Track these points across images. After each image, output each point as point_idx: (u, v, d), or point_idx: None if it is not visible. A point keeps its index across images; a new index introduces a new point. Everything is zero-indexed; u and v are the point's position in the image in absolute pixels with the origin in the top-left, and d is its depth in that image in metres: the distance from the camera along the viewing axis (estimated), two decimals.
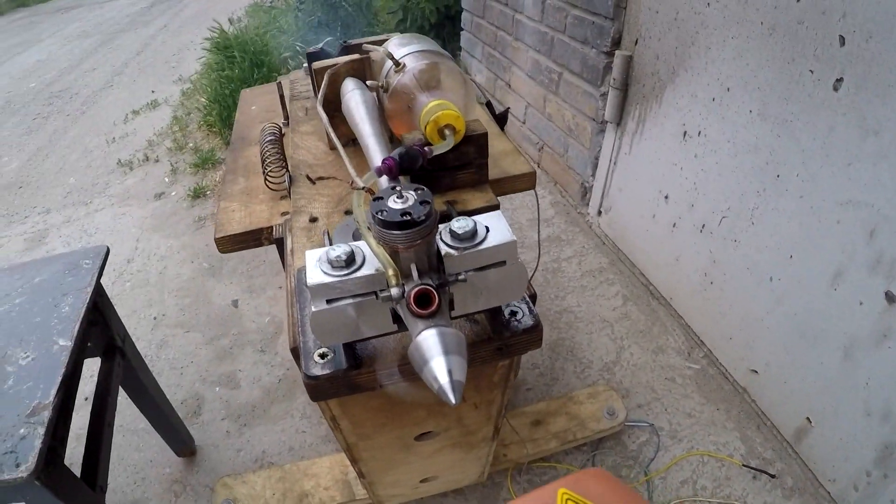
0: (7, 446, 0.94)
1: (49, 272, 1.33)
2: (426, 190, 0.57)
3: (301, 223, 0.95)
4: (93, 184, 3.65)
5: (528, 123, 2.93)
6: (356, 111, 0.92)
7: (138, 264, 2.76)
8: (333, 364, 0.70)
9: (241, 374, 2.11)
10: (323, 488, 1.57)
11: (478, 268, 0.59)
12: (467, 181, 0.95)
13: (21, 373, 1.08)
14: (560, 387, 1.88)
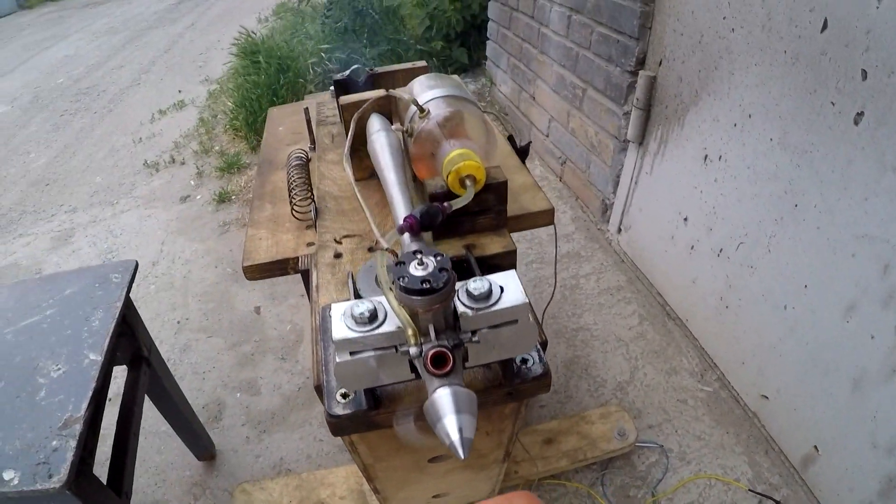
0: (40, 457, 0.98)
1: (79, 284, 1.37)
2: (445, 256, 0.60)
3: (326, 259, 0.98)
4: (119, 184, 3.72)
5: (552, 137, 2.95)
6: (381, 155, 0.96)
7: (163, 267, 2.82)
8: (354, 404, 0.74)
9: (262, 380, 2.16)
10: (338, 498, 1.61)
11: (491, 325, 0.63)
12: (486, 226, 0.98)
13: (53, 385, 1.12)
14: (573, 405, 1.91)
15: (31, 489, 0.95)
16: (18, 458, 0.99)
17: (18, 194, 3.79)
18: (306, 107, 1.39)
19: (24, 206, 3.63)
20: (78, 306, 1.31)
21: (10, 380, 1.15)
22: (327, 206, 1.11)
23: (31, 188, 3.85)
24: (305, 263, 1.08)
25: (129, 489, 1.32)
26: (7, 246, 3.23)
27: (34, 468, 0.97)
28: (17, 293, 1.38)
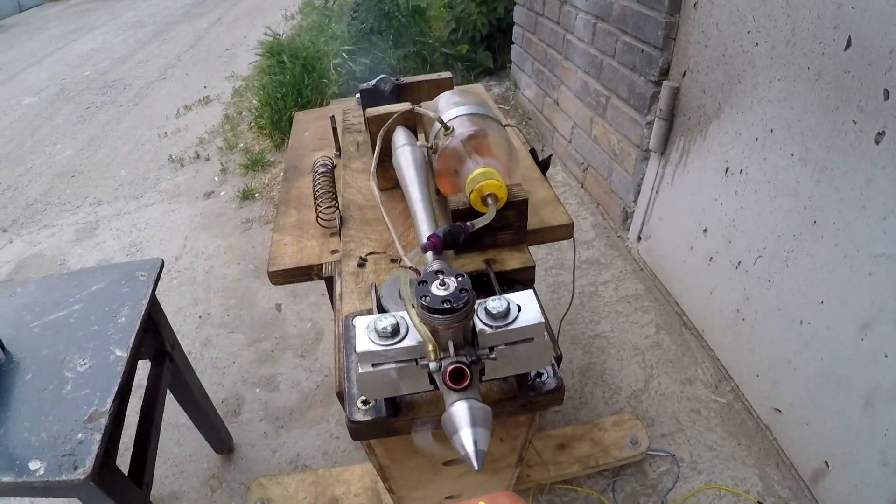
0: (66, 449, 1.02)
1: (106, 281, 1.41)
2: (466, 277, 0.63)
3: (350, 268, 1.01)
4: (144, 178, 3.77)
5: (574, 143, 2.97)
6: (406, 171, 0.99)
7: (186, 262, 2.87)
8: (374, 411, 0.77)
9: (281, 377, 2.20)
10: (353, 495, 1.65)
11: (508, 343, 0.66)
12: (506, 241, 1.00)
13: (79, 379, 1.15)
14: (587, 411, 1.93)
15: (57, 480, 0.98)
16: (45, 449, 1.03)
17: (44, 185, 3.86)
18: (332, 115, 1.41)
19: (50, 198, 3.70)
20: (105, 302, 1.34)
21: (37, 372, 1.18)
22: (352, 214, 1.14)
23: (56, 180, 3.92)
24: (329, 271, 1.11)
25: (149, 481, 1.36)
26: (32, 236, 3.30)
27: (60, 459, 1.00)
28: (45, 287, 1.42)
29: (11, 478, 0.99)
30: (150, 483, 1.36)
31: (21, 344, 1.26)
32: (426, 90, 1.35)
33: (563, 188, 3.00)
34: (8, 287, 1.45)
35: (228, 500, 1.82)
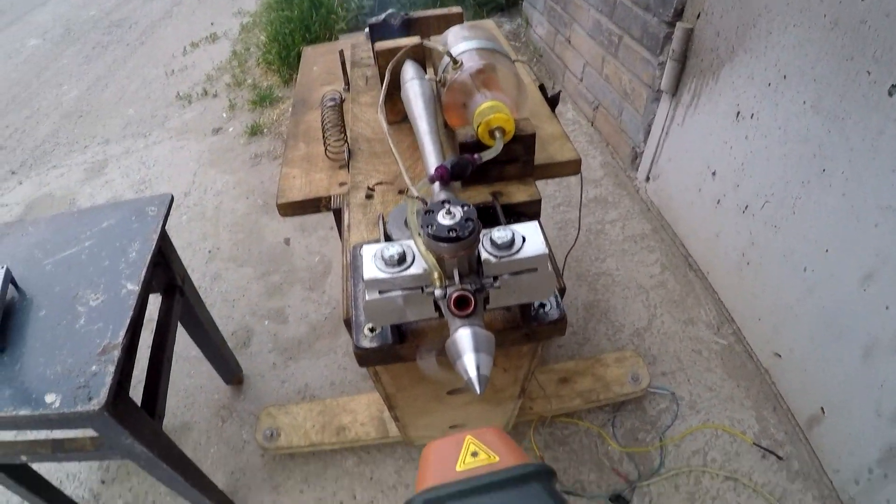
0: (80, 381, 1.04)
1: (116, 217, 1.41)
2: (472, 207, 0.64)
3: (358, 199, 1.03)
4: (152, 116, 3.75)
5: (585, 82, 2.93)
6: (414, 103, 0.99)
7: (195, 198, 2.88)
8: (381, 338, 0.80)
9: (290, 309, 2.24)
10: (360, 424, 1.69)
11: (512, 272, 0.67)
12: (513, 174, 1.01)
13: (92, 314, 1.17)
14: (590, 347, 1.96)
15: (72, 411, 1.00)
16: (59, 382, 1.04)
17: (51, 126, 3.85)
18: (341, 49, 1.40)
19: (58, 139, 3.69)
20: (115, 238, 1.35)
21: (50, 309, 1.20)
22: (360, 147, 1.15)
23: (63, 120, 3.90)
24: (337, 203, 1.12)
25: (161, 411, 1.39)
26: (41, 177, 3.31)
27: (74, 392, 1.02)
28: (56, 226, 1.43)
29: (28, 411, 1.01)
30: (162, 413, 1.39)
31: (34, 282, 1.27)
32: (435, 25, 1.34)
33: (572, 126, 2.98)
34: (19, 227, 1.46)
35: (238, 430, 1.88)
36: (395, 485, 1.67)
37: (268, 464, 1.78)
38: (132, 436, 1.16)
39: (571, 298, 2.12)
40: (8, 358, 1.10)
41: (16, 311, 1.20)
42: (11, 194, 3.21)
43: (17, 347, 1.13)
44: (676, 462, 1.66)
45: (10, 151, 3.65)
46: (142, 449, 1.21)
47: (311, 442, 1.68)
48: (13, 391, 1.04)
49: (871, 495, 1.42)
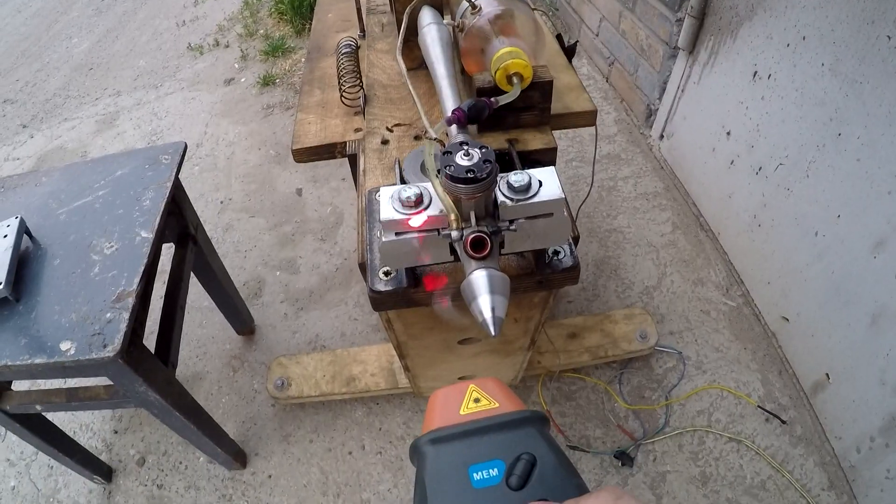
0: (95, 328, 1.05)
1: (130, 166, 1.41)
2: (490, 149, 0.64)
3: (373, 144, 1.03)
4: (163, 67, 3.73)
5: (601, 37, 2.89)
6: (432, 48, 0.98)
7: (207, 149, 2.89)
8: (395, 282, 0.80)
9: (301, 260, 2.25)
10: (370, 374, 1.71)
11: (528, 216, 0.67)
12: (530, 122, 1.01)
13: (106, 262, 1.18)
14: (600, 303, 1.97)
15: (87, 358, 1.02)
16: (74, 329, 1.06)
17: (62, 79, 3.84)
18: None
19: (69, 91, 3.69)
20: (129, 186, 1.35)
21: (64, 258, 1.21)
22: (376, 94, 1.14)
23: (74, 73, 3.89)
24: (353, 148, 1.12)
25: (174, 360, 1.41)
26: (53, 130, 3.31)
27: (89, 339, 1.04)
28: (70, 175, 1.43)
29: (44, 359, 1.02)
30: (175, 361, 1.41)
31: (48, 231, 1.28)
32: None
33: (587, 81, 2.94)
34: (33, 177, 1.46)
35: (250, 380, 1.91)
36: (403, 436, 1.70)
37: (278, 413, 1.81)
38: (146, 383, 1.18)
39: (582, 254, 2.12)
40: (23, 307, 1.12)
41: (30, 261, 1.22)
42: (23, 147, 3.22)
43: (31, 297, 1.14)
44: (681, 421, 1.68)
45: (20, 105, 3.65)
46: (155, 396, 1.23)
47: (321, 392, 1.71)
48: (28, 340, 1.06)
49: (871, 464, 1.43)
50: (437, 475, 0.34)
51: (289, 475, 1.68)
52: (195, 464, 1.73)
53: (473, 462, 0.34)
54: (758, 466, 1.57)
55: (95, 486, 1.72)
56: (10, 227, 1.21)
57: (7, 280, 1.11)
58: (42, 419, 1.48)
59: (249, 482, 1.68)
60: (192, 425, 1.40)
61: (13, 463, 1.81)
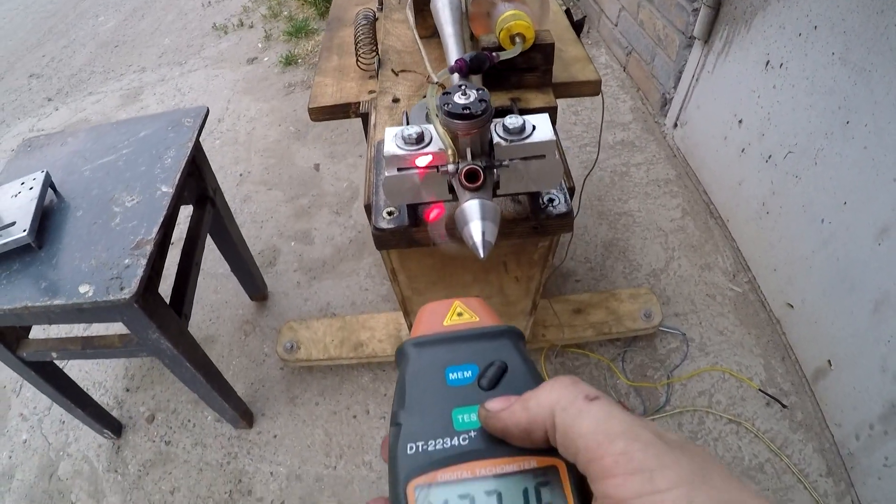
0: (113, 273, 1.10)
1: (153, 128, 1.46)
2: (486, 91, 0.68)
3: (385, 102, 1.07)
4: (188, 45, 3.79)
5: (620, 27, 2.91)
6: (442, 12, 1.03)
7: (228, 124, 2.94)
8: (398, 220, 0.85)
9: (316, 231, 2.30)
10: (377, 340, 1.75)
11: (521, 157, 0.72)
12: (532, 83, 1.05)
13: (127, 213, 1.22)
14: (606, 283, 1.99)
15: (104, 300, 1.06)
16: (93, 274, 1.10)
17: (88, 55, 3.91)
18: None
19: (94, 67, 3.75)
20: (152, 146, 1.40)
21: (87, 209, 1.26)
22: (390, 58, 1.19)
23: (100, 50, 3.95)
24: (366, 108, 1.17)
25: (188, 312, 1.45)
26: (77, 104, 3.38)
27: (107, 282, 1.08)
28: (95, 136, 1.49)
29: (62, 300, 1.06)
30: (188, 314, 1.45)
31: (72, 186, 1.33)
32: None
33: (605, 70, 2.97)
34: (59, 137, 1.52)
35: (260, 344, 1.96)
36: None
37: (286, 377, 1.86)
38: (159, 330, 1.22)
39: (591, 235, 2.15)
40: (44, 254, 1.16)
41: (53, 213, 1.26)
42: (48, 119, 3.29)
43: (53, 245, 1.18)
44: (682, 401, 1.69)
45: (46, 80, 3.72)
46: (167, 345, 1.28)
47: (329, 356, 1.75)
48: (48, 284, 1.10)
49: (870, 451, 1.44)
50: (417, 373, 0.37)
51: (293, 436, 1.72)
52: (203, 422, 1.78)
53: (450, 364, 0.37)
54: (756, 449, 1.58)
55: (105, 441, 1.77)
56: (35, 180, 1.27)
57: (31, 228, 1.15)
58: (57, 369, 1.53)
59: (255, 441, 1.72)
60: (202, 378, 1.44)
61: (26, 417, 1.87)
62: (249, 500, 1.61)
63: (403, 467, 0.32)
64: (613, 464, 0.26)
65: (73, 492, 1.68)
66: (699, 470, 0.26)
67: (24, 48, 4.16)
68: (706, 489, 0.25)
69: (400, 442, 0.34)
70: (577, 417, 0.29)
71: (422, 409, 0.35)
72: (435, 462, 0.32)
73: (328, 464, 1.66)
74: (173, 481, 1.67)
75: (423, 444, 0.33)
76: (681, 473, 0.26)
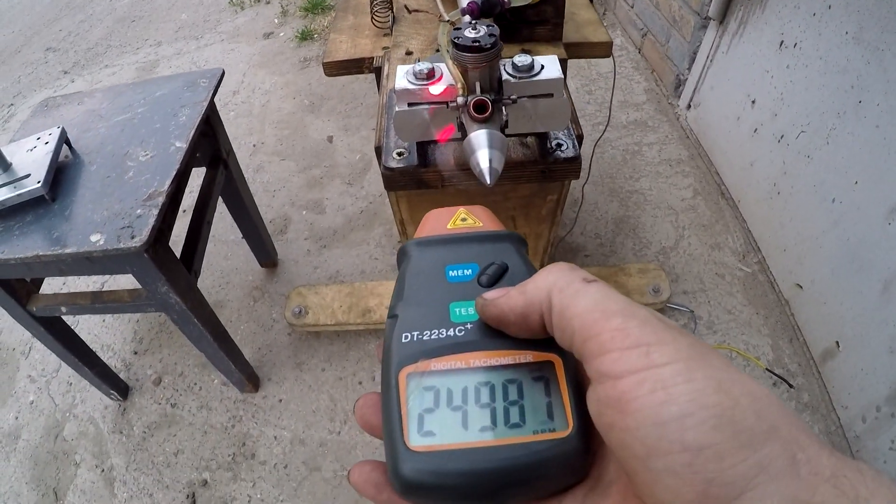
0: (125, 222, 1.11)
1: (169, 88, 1.48)
2: (496, 27, 0.69)
3: (398, 55, 1.09)
4: (204, 20, 3.80)
5: (636, 8, 2.91)
6: None
7: (243, 96, 2.95)
8: (407, 160, 0.86)
9: (328, 201, 2.31)
10: (385, 307, 1.74)
11: (530, 95, 0.72)
12: (543, 36, 1.05)
13: (140, 167, 1.23)
14: (616, 259, 2.00)
15: (115, 248, 1.07)
16: (105, 224, 1.11)
17: (104, 30, 3.93)
18: None
19: (110, 41, 3.78)
20: (167, 105, 1.42)
21: (101, 164, 1.27)
22: (404, 16, 1.20)
23: (117, 24, 3.97)
24: (379, 62, 1.18)
25: (198, 268, 1.46)
26: (93, 76, 3.41)
27: (118, 231, 1.09)
28: (111, 95, 1.50)
29: (73, 249, 1.07)
30: (198, 270, 1.46)
31: (87, 142, 1.34)
32: None
33: (620, 52, 2.96)
34: (76, 97, 1.53)
35: (269, 310, 1.97)
36: None
37: (293, 342, 1.87)
38: (168, 283, 1.23)
39: (602, 212, 2.15)
40: (58, 206, 1.17)
41: (68, 168, 1.28)
42: (64, 91, 3.30)
43: (67, 197, 1.20)
44: None
45: (63, 53, 3.74)
46: (176, 299, 1.29)
47: (337, 321, 1.77)
48: (60, 234, 1.11)
49: (876, 434, 1.43)
50: (417, 270, 0.37)
51: (299, 400, 1.74)
52: (209, 385, 1.80)
53: (451, 263, 0.37)
54: None
55: (111, 403, 1.79)
56: (51, 135, 1.28)
57: (45, 180, 1.16)
58: (66, 327, 1.54)
59: (260, 405, 1.74)
60: (210, 336, 1.46)
61: (34, 379, 1.90)
62: (252, 463, 1.63)
63: (396, 354, 0.33)
64: (609, 339, 0.26)
65: (77, 452, 1.71)
66: (697, 349, 0.26)
67: (41, 22, 4.19)
68: (705, 365, 0.25)
69: (395, 331, 0.34)
70: (573, 297, 0.29)
71: (419, 301, 0.36)
72: (429, 351, 0.33)
73: (332, 429, 1.67)
74: (177, 443, 1.69)
75: (419, 334, 0.33)
76: (678, 349, 0.25)
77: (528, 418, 0.30)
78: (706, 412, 0.23)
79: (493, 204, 1.03)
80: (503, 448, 0.29)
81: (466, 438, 0.30)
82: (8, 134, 2.98)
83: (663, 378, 0.24)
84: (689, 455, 0.22)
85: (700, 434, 0.23)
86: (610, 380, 0.26)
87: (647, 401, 0.24)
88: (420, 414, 0.30)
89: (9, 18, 4.29)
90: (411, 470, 0.29)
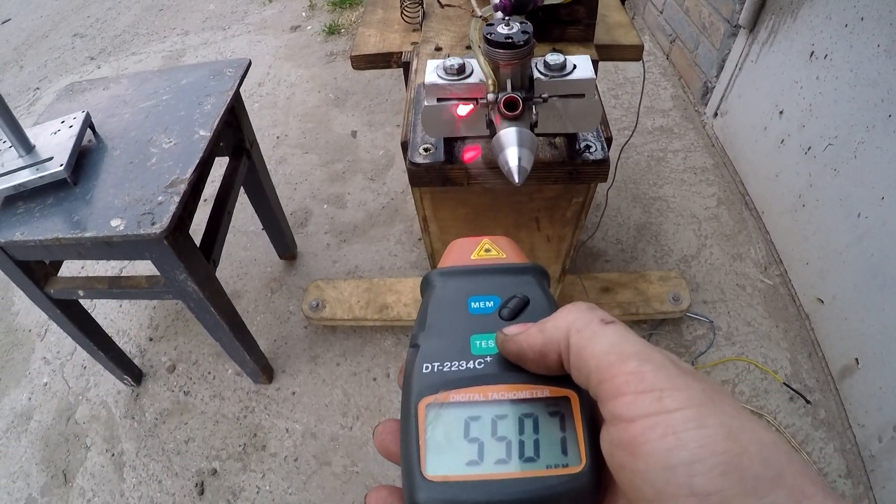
0: (146, 209, 1.10)
1: (195, 76, 1.48)
2: (529, 24, 0.69)
3: (427, 50, 1.08)
4: (232, 11, 3.81)
5: (665, 14, 2.88)
6: None
7: (268, 88, 2.96)
8: (433, 157, 0.85)
9: (349, 196, 2.31)
10: (403, 304, 1.75)
11: (561, 95, 0.71)
12: (574, 36, 1.05)
13: (164, 154, 1.24)
14: (637, 265, 1.98)
15: (135, 233, 1.07)
16: (126, 209, 1.11)
17: (132, 18, 3.94)
18: None
19: (137, 29, 3.79)
20: (192, 93, 1.42)
21: (124, 150, 1.27)
22: (434, 11, 1.20)
23: (144, 13, 3.99)
24: (408, 57, 1.17)
25: (217, 257, 1.47)
26: (119, 63, 3.43)
27: (139, 217, 1.09)
28: (137, 82, 1.51)
29: (93, 233, 1.08)
30: (217, 259, 1.46)
31: (111, 128, 1.35)
32: None
33: (648, 57, 2.93)
34: (102, 82, 1.54)
35: (286, 302, 1.97)
36: None
37: (309, 336, 1.87)
38: (186, 271, 1.23)
39: (624, 218, 2.14)
40: (79, 190, 1.18)
41: (91, 153, 1.28)
42: (89, 77, 3.32)
43: (89, 181, 1.20)
44: None
45: (89, 39, 3.77)
46: (194, 287, 1.29)
47: (353, 316, 1.76)
48: (80, 218, 1.12)
49: (892, 454, 1.41)
50: (440, 300, 0.38)
51: (312, 394, 1.74)
52: (223, 375, 1.80)
53: (473, 294, 0.38)
54: None
55: (124, 388, 1.80)
56: (75, 119, 1.28)
57: (68, 164, 1.17)
58: (83, 311, 1.55)
59: (273, 397, 1.74)
60: (226, 325, 1.46)
61: (48, 361, 1.91)
62: (263, 454, 1.63)
63: (417, 385, 0.33)
64: (624, 383, 0.27)
65: (88, 435, 1.72)
66: (709, 394, 0.26)
67: (69, 8, 4.22)
68: (716, 412, 0.25)
69: (416, 361, 0.35)
70: (591, 339, 0.30)
71: (441, 332, 0.36)
72: (448, 382, 0.33)
73: (344, 424, 1.67)
74: (189, 431, 1.69)
75: (439, 365, 0.34)
76: (691, 395, 0.26)
77: (542, 452, 0.31)
78: (715, 459, 0.24)
79: (518, 204, 1.03)
80: (517, 481, 0.30)
81: (482, 470, 0.30)
82: (32, 117, 3.01)
83: (674, 423, 0.25)
84: (697, 500, 0.23)
85: (708, 480, 0.23)
86: (623, 422, 0.26)
87: (658, 445, 0.25)
88: (437, 444, 0.31)
89: (37, 3, 4.32)
90: (427, 499, 0.30)
